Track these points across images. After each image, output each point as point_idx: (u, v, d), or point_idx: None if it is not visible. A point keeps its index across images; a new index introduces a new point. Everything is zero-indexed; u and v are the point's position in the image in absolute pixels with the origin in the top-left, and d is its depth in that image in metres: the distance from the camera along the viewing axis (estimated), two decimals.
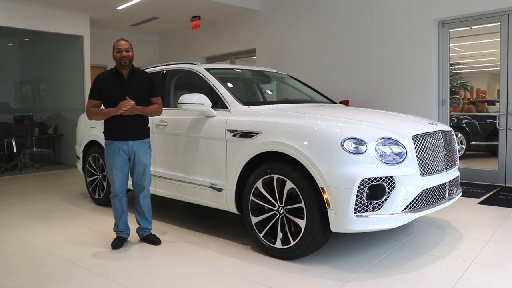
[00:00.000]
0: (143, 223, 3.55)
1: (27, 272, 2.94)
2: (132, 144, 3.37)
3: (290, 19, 7.47)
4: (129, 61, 3.35)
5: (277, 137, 3.03)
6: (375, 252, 3.17)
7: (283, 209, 3.03)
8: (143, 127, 3.47)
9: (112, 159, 3.37)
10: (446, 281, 2.63)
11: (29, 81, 9.81)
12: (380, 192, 2.76)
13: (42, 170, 7.94)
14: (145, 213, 3.52)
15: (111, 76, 3.39)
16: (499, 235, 3.51)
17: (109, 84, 3.36)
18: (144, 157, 3.44)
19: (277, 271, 2.86)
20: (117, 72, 3.38)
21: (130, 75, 3.40)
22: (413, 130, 3.02)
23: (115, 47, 3.36)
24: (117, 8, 7.61)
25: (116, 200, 3.46)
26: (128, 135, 3.36)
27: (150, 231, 3.56)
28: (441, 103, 5.96)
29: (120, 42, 3.38)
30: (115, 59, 3.36)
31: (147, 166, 3.48)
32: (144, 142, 3.45)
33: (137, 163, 3.42)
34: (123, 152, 3.37)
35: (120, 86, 3.35)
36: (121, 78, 3.37)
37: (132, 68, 3.42)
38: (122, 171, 3.40)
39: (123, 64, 3.34)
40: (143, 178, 3.47)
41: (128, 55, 3.34)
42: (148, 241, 3.50)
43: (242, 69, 4.87)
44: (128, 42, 3.40)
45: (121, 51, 3.32)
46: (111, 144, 3.38)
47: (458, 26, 5.87)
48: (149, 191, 3.57)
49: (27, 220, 4.32)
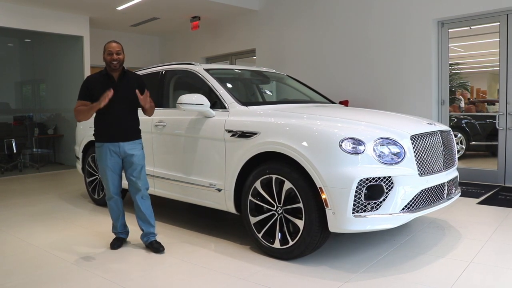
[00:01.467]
0: (146, 227, 3.41)
1: (26, 272, 2.95)
2: (123, 145, 3.31)
3: (289, 19, 7.47)
4: (119, 64, 3.29)
5: (275, 137, 3.03)
6: (373, 252, 3.17)
7: (282, 209, 3.03)
8: (134, 128, 3.41)
9: (104, 162, 3.32)
10: (444, 281, 2.63)
11: (29, 82, 9.83)
12: (378, 192, 2.76)
13: (42, 170, 7.95)
14: (146, 216, 3.40)
15: (101, 77, 3.33)
16: (498, 235, 3.51)
17: (99, 86, 3.27)
18: (138, 158, 3.37)
19: (275, 271, 2.86)
20: (107, 74, 3.32)
21: (120, 77, 3.34)
22: (412, 130, 3.02)
23: (106, 49, 3.28)
24: (116, 9, 7.61)
25: (112, 202, 3.43)
26: (119, 137, 3.30)
27: (155, 237, 3.42)
28: (440, 103, 5.96)
29: (111, 44, 3.30)
30: (105, 61, 3.29)
31: (142, 167, 3.40)
32: (135, 143, 3.38)
33: (130, 165, 3.35)
34: (115, 154, 3.31)
35: (110, 87, 3.24)
36: (111, 79, 3.31)
37: (123, 70, 3.37)
38: (115, 172, 3.36)
39: (113, 67, 3.28)
40: (137, 179, 3.37)
41: (118, 58, 3.27)
42: (151, 249, 3.34)
43: (241, 69, 4.87)
44: (119, 44, 3.33)
45: (112, 53, 3.25)
46: (102, 147, 3.33)
47: (458, 26, 5.87)
48: (146, 193, 3.45)
49: (26, 220, 4.32)
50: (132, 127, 3.40)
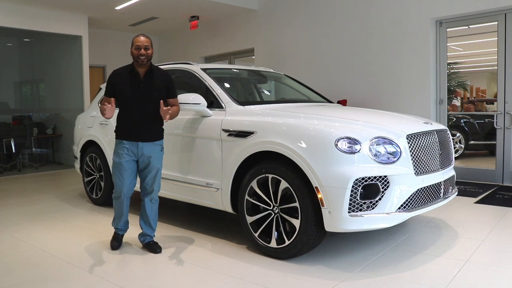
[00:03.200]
0: (146, 229, 3.35)
1: (23, 271, 2.95)
2: (142, 146, 3.19)
3: (288, 18, 7.47)
4: (147, 59, 3.13)
5: (271, 137, 3.03)
6: (370, 252, 3.17)
7: (278, 208, 3.03)
8: (156, 129, 3.27)
9: (119, 159, 3.19)
10: (440, 280, 2.63)
11: (28, 81, 9.82)
12: (374, 192, 2.76)
13: (41, 170, 7.96)
14: (149, 219, 3.32)
15: (126, 73, 3.19)
16: (494, 234, 3.51)
17: (124, 82, 3.15)
18: (155, 161, 3.24)
19: (272, 270, 2.86)
20: (133, 70, 3.17)
21: (147, 74, 3.18)
22: (408, 130, 3.02)
23: (133, 43, 3.13)
24: (115, 8, 7.61)
25: (118, 202, 3.29)
26: (139, 136, 3.18)
27: (152, 239, 3.37)
28: (438, 102, 5.96)
29: (139, 38, 3.14)
30: (133, 56, 3.14)
31: (159, 170, 3.29)
32: (156, 144, 3.25)
33: (146, 166, 3.24)
34: (132, 153, 3.20)
35: (135, 85, 3.15)
36: (137, 76, 3.16)
37: (150, 67, 3.20)
38: (130, 172, 3.22)
39: (140, 63, 3.13)
40: (151, 182, 3.27)
41: (147, 53, 3.11)
42: (148, 249, 3.31)
43: (239, 69, 4.87)
44: (148, 39, 3.17)
45: (140, 48, 3.10)
46: (120, 144, 3.20)
47: (456, 26, 5.87)
48: (157, 196, 3.35)
49: (24, 220, 4.33)
50: (154, 128, 3.25)
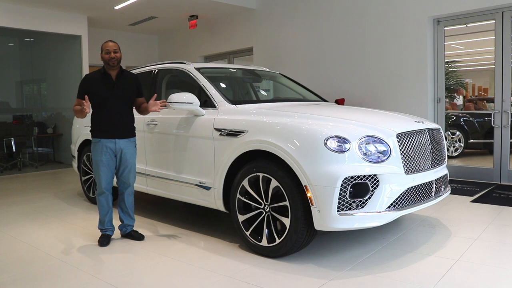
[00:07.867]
0: (127, 220, 3.63)
1: (16, 269, 2.98)
2: (119, 142, 3.46)
3: (287, 17, 7.47)
4: (117, 62, 3.45)
5: (261, 136, 3.04)
6: (361, 251, 3.17)
7: (269, 207, 3.04)
8: (130, 126, 3.57)
9: (99, 157, 3.44)
10: (429, 279, 2.63)
11: (29, 81, 9.89)
12: (364, 190, 2.77)
13: (41, 169, 8.01)
14: (128, 210, 3.61)
15: (99, 76, 3.48)
16: (487, 233, 3.50)
17: (97, 84, 3.44)
18: (131, 156, 3.55)
19: (262, 269, 2.87)
20: (106, 73, 3.47)
21: (118, 75, 3.50)
22: (398, 129, 3.02)
23: (103, 49, 3.45)
24: (114, 8, 7.64)
25: (102, 197, 3.53)
26: (116, 134, 3.45)
27: (132, 228, 3.65)
28: (436, 101, 5.95)
29: (108, 43, 3.47)
30: (104, 60, 3.45)
31: (134, 164, 3.59)
32: (130, 141, 3.55)
33: (123, 161, 3.51)
34: (110, 150, 3.45)
35: (108, 85, 3.45)
36: (109, 78, 3.46)
37: (120, 69, 3.52)
38: (108, 168, 3.48)
39: (111, 65, 3.44)
40: (128, 176, 3.57)
41: (116, 56, 3.43)
42: (131, 237, 3.59)
43: (233, 68, 4.88)
44: (116, 43, 3.50)
45: (110, 52, 3.42)
46: (98, 143, 3.45)
47: (453, 24, 5.85)
48: (133, 189, 3.65)
49: (20, 218, 4.36)
50: (128, 125, 3.55)
